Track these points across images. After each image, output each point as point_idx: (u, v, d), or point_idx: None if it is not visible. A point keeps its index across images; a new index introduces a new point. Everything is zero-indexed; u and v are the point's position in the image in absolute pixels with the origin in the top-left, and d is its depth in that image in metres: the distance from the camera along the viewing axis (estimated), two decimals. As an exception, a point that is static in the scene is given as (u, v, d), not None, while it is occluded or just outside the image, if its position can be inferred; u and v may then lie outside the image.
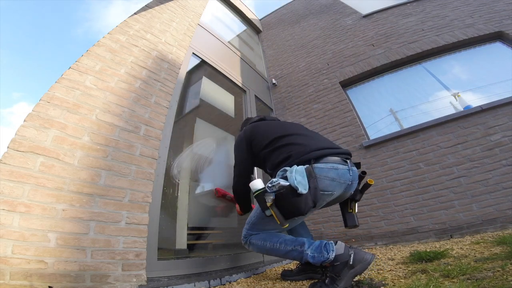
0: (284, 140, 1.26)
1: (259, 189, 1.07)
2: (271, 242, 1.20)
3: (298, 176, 1.02)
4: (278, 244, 1.18)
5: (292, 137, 1.27)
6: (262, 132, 1.39)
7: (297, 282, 1.30)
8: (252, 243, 1.25)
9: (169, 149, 1.73)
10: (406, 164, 2.44)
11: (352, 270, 1.00)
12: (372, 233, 2.34)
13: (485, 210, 1.98)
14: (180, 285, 1.20)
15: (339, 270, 1.00)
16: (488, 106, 2.30)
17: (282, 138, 1.28)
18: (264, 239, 1.22)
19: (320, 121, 3.20)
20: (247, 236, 1.28)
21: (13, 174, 1.00)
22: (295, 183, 0.99)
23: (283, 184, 1.01)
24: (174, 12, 2.54)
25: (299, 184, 0.99)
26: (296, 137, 1.26)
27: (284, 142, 1.25)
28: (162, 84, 1.86)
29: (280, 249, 1.17)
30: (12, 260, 0.89)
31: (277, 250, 1.18)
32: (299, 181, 1.00)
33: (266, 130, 1.39)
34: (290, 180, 1.01)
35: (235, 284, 1.36)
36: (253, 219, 1.27)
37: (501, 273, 0.89)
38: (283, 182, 1.02)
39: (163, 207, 1.55)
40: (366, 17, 3.87)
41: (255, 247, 1.26)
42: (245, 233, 1.30)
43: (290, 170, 1.06)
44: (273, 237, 1.22)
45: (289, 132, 1.31)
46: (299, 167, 1.07)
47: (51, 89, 1.27)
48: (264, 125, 1.45)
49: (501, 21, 2.85)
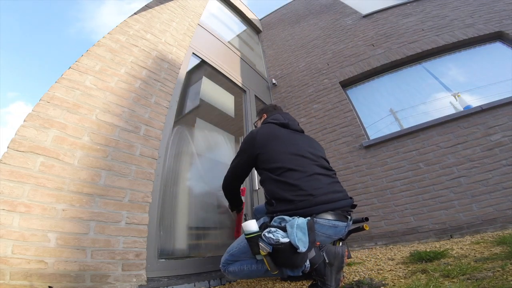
0: (292, 175, 1.15)
1: (254, 233, 1.01)
2: (248, 265, 1.16)
3: (299, 232, 0.95)
4: (255, 266, 1.14)
5: (300, 174, 1.16)
6: (273, 150, 1.26)
7: (297, 282, 1.30)
8: (230, 271, 1.20)
9: (169, 149, 1.73)
10: (406, 164, 2.44)
11: (334, 267, 1.02)
12: (372, 233, 2.34)
13: (485, 210, 1.98)
14: (180, 285, 1.20)
15: (322, 271, 1.02)
16: (488, 106, 2.30)
17: (290, 171, 1.16)
18: (241, 264, 1.18)
19: (320, 121, 3.20)
20: (225, 265, 1.23)
21: (13, 174, 1.00)
22: (296, 240, 0.93)
23: (283, 241, 0.94)
24: (174, 12, 2.54)
25: (300, 241, 0.94)
26: (305, 179, 1.15)
27: (291, 180, 1.14)
28: (162, 84, 1.86)
29: (258, 269, 1.12)
30: (12, 260, 0.89)
31: (255, 271, 1.14)
32: (300, 238, 0.94)
33: (278, 151, 1.25)
34: (290, 237, 0.95)
35: (235, 284, 1.36)
36: (235, 251, 1.21)
37: (501, 273, 0.89)
38: (281, 238, 0.95)
39: (163, 207, 1.55)
40: (366, 17, 3.87)
41: (233, 274, 1.21)
42: (223, 261, 1.24)
43: (291, 224, 0.99)
44: (248, 260, 1.17)
45: (299, 166, 1.19)
46: (301, 221, 0.99)
47: (51, 89, 1.27)
48: (277, 140, 1.30)
49: (501, 21, 2.85)
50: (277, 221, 1.06)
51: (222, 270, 1.24)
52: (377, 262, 1.53)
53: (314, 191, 1.10)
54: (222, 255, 1.25)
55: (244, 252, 1.15)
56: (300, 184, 1.12)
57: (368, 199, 2.45)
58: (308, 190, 1.10)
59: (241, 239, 1.20)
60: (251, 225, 1.04)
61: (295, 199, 1.09)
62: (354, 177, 2.63)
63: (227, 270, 1.21)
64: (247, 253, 1.13)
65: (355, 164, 2.70)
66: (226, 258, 1.22)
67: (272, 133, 1.33)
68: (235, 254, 1.20)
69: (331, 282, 1.00)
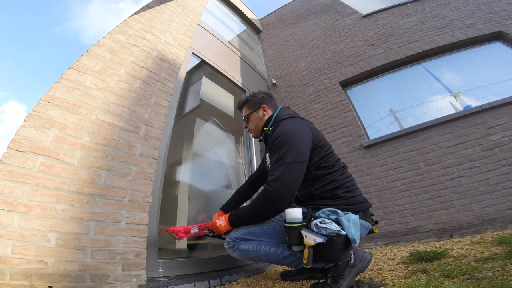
0: (338, 172, 1.12)
1: (298, 222, 0.93)
2: (266, 247, 1.09)
3: (354, 227, 0.92)
4: (274, 249, 1.08)
5: (344, 173, 1.14)
6: (323, 147, 1.15)
7: (297, 282, 1.30)
8: (241, 249, 1.11)
9: (169, 149, 1.73)
10: (406, 164, 2.44)
11: (354, 269, 1.01)
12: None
13: (485, 210, 1.98)
14: (180, 285, 1.20)
15: (342, 269, 1.00)
16: (488, 106, 2.30)
17: (340, 168, 1.13)
18: (258, 244, 1.10)
19: (320, 121, 3.20)
20: (236, 240, 1.13)
21: (13, 174, 1.00)
22: (353, 234, 0.89)
23: (341, 233, 0.88)
24: (174, 12, 2.54)
25: (356, 236, 0.90)
26: (348, 178, 1.13)
27: (339, 176, 1.10)
28: (162, 84, 1.86)
29: (277, 254, 1.07)
30: (12, 260, 0.89)
31: (272, 255, 1.08)
32: (355, 233, 0.90)
33: (325, 148, 1.16)
34: (347, 230, 0.90)
35: (235, 284, 1.36)
36: (257, 231, 1.12)
37: (501, 273, 0.89)
38: (337, 228, 0.89)
39: (163, 207, 1.55)
40: (366, 17, 3.87)
41: (243, 253, 1.11)
42: (235, 236, 1.13)
43: (347, 218, 0.94)
44: (269, 241, 1.11)
45: (337, 164, 1.16)
46: (355, 217, 0.96)
47: (51, 89, 1.27)
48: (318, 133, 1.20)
49: (501, 21, 2.85)
50: (326, 212, 0.98)
51: (229, 245, 1.13)
52: (377, 262, 1.53)
53: (355, 189, 1.13)
54: (222, 255, 1.21)
55: (268, 234, 1.10)
56: (345, 182, 1.11)
57: (368, 199, 2.44)
58: (351, 187, 1.11)
59: (266, 221, 1.13)
60: (297, 213, 0.95)
61: (345, 195, 1.07)
62: (354, 177, 2.58)
63: (237, 246, 1.11)
64: (271, 236, 1.09)
65: (355, 164, 2.70)
66: (241, 235, 1.12)
67: (315, 130, 1.22)
68: (255, 233, 1.11)
69: (344, 282, 0.98)
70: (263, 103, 1.37)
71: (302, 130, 1.12)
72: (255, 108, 1.37)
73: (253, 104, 1.39)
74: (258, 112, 1.36)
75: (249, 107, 1.40)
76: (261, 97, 1.39)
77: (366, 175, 2.58)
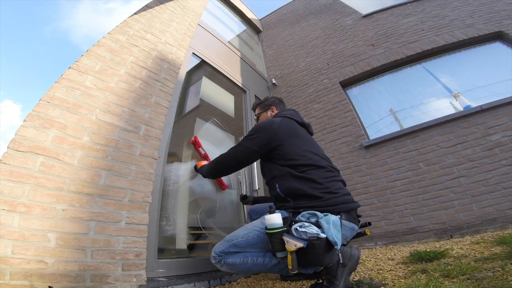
0: (317, 173, 1.12)
1: (278, 227, 0.92)
2: (253, 257, 1.06)
3: (334, 229, 0.90)
4: (261, 259, 1.05)
5: (324, 173, 1.13)
6: (295, 146, 1.19)
7: (297, 282, 1.30)
8: (228, 263, 1.08)
9: (169, 149, 1.73)
10: (406, 164, 2.44)
11: (346, 268, 1.01)
12: (372, 233, 2.34)
13: (485, 210, 1.98)
14: (180, 285, 1.20)
15: (334, 270, 1.00)
16: (488, 106, 2.30)
17: (316, 169, 1.13)
18: (245, 256, 1.07)
19: (320, 121, 3.20)
20: (221, 255, 1.09)
21: (13, 174, 1.00)
22: (334, 237, 0.88)
23: (321, 236, 0.87)
24: (174, 12, 2.54)
25: (337, 238, 0.88)
26: (328, 178, 1.12)
27: (317, 177, 1.10)
28: (162, 84, 1.86)
29: (265, 263, 1.04)
30: (12, 260, 0.89)
31: (260, 265, 1.05)
32: (335, 235, 0.89)
33: (301, 148, 1.20)
34: (327, 233, 0.89)
35: (235, 284, 1.36)
36: (240, 242, 1.08)
37: (501, 273, 0.90)
38: (316, 231, 0.89)
39: (163, 207, 1.55)
40: (366, 17, 3.87)
41: (231, 267, 1.09)
42: (219, 250, 1.10)
43: (326, 220, 0.93)
44: (255, 252, 1.08)
45: (321, 165, 1.16)
46: (335, 218, 0.96)
47: (51, 89, 1.27)
48: (299, 137, 1.25)
49: (501, 21, 2.85)
50: (306, 216, 0.98)
51: (216, 260, 1.11)
52: (377, 262, 1.53)
53: (336, 190, 1.10)
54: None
55: (252, 244, 1.07)
56: (325, 183, 1.09)
57: (368, 199, 2.45)
58: (331, 188, 1.09)
59: (249, 229, 1.11)
60: (276, 218, 0.93)
61: (323, 196, 1.05)
62: (354, 177, 2.63)
63: (223, 260, 1.08)
64: (256, 246, 1.06)
65: (355, 164, 2.70)
66: (226, 249, 1.09)
67: (294, 129, 1.28)
68: (240, 245, 1.08)
69: (340, 282, 0.98)
70: (272, 105, 1.59)
71: (267, 126, 1.27)
72: (265, 109, 1.60)
73: (264, 106, 1.62)
74: (267, 112, 1.58)
75: (261, 108, 1.64)
76: (271, 101, 1.62)
77: (366, 175, 2.58)
